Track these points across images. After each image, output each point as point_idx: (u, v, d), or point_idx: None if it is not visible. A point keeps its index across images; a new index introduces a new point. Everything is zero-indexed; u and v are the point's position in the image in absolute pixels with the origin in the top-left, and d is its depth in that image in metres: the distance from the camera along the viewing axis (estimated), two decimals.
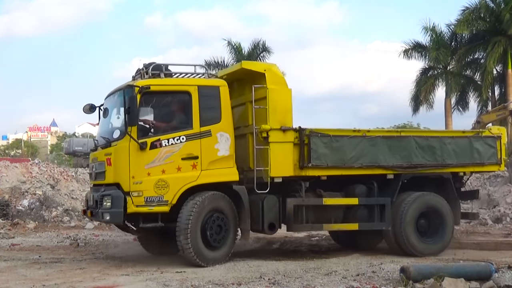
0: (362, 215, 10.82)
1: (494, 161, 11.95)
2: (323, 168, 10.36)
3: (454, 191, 11.76)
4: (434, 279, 7.60)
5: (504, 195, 20.44)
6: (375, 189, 10.88)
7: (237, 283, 8.13)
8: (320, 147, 10.28)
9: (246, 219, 9.99)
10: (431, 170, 11.35)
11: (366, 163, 10.66)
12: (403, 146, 10.99)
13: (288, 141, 10.17)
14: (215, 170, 9.84)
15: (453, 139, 11.52)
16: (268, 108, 10.09)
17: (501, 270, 8.56)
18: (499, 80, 36.52)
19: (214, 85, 10.17)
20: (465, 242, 13.46)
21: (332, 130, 10.59)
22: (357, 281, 8.11)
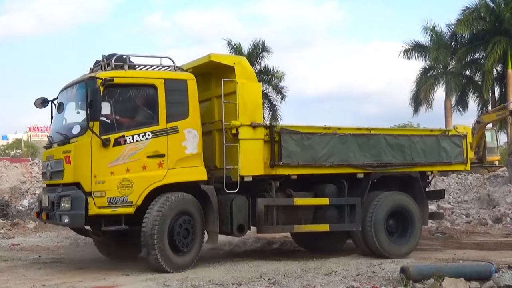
0: (332, 215, 10.51)
1: (460, 160, 11.85)
2: (294, 166, 9.99)
3: (422, 191, 11.63)
4: (434, 279, 7.61)
5: (504, 195, 20.44)
6: (345, 188, 10.58)
7: (237, 283, 8.13)
8: (291, 145, 9.92)
9: (214, 221, 9.46)
10: (400, 169, 11.16)
11: (337, 161, 10.36)
12: (373, 144, 10.73)
13: (258, 138, 9.77)
14: (182, 169, 9.30)
15: (421, 138, 11.33)
16: (238, 103, 9.63)
17: (501, 270, 8.57)
18: (499, 80, 36.53)
19: (182, 79, 9.60)
20: (465, 242, 13.48)
21: (303, 127, 10.31)
22: (357, 281, 8.11)
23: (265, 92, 41.30)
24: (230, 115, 9.63)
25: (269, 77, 40.84)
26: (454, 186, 24.54)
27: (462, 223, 17.89)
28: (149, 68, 9.91)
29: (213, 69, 10.23)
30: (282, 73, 40.79)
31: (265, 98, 41.10)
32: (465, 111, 38.72)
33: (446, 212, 19.42)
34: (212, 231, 9.59)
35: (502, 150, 37.90)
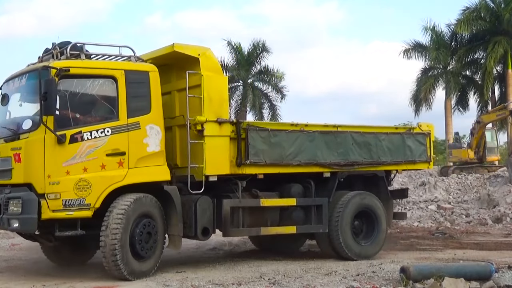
0: (298, 217, 10.08)
1: (424, 159, 11.54)
2: (261, 165, 9.49)
3: (387, 190, 11.34)
4: (434, 279, 7.61)
5: (504, 195, 20.43)
6: (312, 188, 10.20)
7: (237, 283, 8.13)
8: (258, 142, 9.40)
9: (178, 224, 8.80)
10: (367, 168, 10.84)
11: (304, 160, 9.93)
12: (340, 142, 10.35)
13: (224, 135, 9.20)
14: (144, 168, 8.62)
15: (387, 136, 10.97)
16: (203, 98, 9.01)
17: (501, 270, 8.56)
18: (499, 80, 36.56)
19: (144, 70, 8.89)
20: (465, 242, 13.47)
21: (270, 123, 9.94)
22: (357, 281, 8.10)
23: (265, 92, 41.41)
24: (194, 110, 9.02)
25: (269, 77, 40.88)
26: (454, 186, 24.55)
27: (462, 223, 17.88)
28: (107, 58, 9.09)
29: (175, 61, 9.60)
30: (282, 73, 40.88)
31: (265, 98, 41.18)
32: (465, 111, 38.83)
33: (446, 212, 19.45)
34: (175, 234, 8.90)
35: (502, 150, 37.91)
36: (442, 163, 40.70)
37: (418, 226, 17.49)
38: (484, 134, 28.34)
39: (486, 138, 28.70)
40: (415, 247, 12.58)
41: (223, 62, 40.47)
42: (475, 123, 28.71)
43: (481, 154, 28.50)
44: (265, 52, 40.24)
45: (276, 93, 40.76)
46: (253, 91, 40.23)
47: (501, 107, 28.03)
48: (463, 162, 28.73)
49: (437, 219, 18.57)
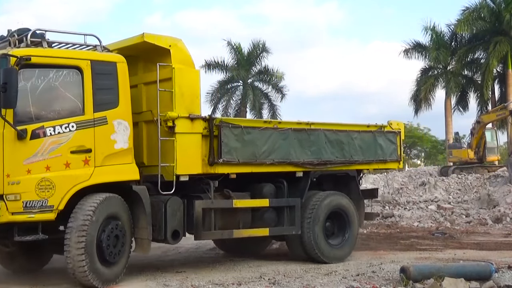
0: (271, 218, 9.67)
1: (395, 158, 11.25)
2: (234, 164, 9.05)
3: (359, 190, 11.08)
4: (434, 279, 7.60)
5: (504, 195, 20.44)
6: (284, 188, 9.79)
7: (237, 283, 8.13)
8: (231, 140, 8.95)
9: (147, 226, 8.21)
10: (339, 167, 10.48)
11: (278, 159, 9.51)
12: (314, 140, 9.97)
13: (196, 132, 8.69)
14: (111, 167, 8.03)
15: (359, 134, 10.64)
16: (174, 92, 8.49)
17: (501, 270, 8.57)
18: (499, 80, 36.60)
19: (111, 61, 8.26)
20: (465, 242, 13.47)
21: (243, 120, 9.60)
22: (357, 281, 8.10)
23: (265, 92, 41.43)
24: (163, 105, 8.48)
25: (269, 77, 40.92)
26: (454, 186, 24.57)
27: (462, 223, 17.88)
28: (70, 47, 8.45)
29: (143, 52, 9.05)
30: (281, 73, 40.91)
31: (265, 98, 41.21)
32: (465, 111, 38.86)
33: (446, 212, 19.45)
34: (143, 238, 8.31)
35: (502, 150, 37.93)
36: (442, 163, 40.76)
37: (418, 226, 17.48)
38: (484, 134, 28.36)
39: (486, 138, 28.73)
40: (415, 247, 12.58)
41: (223, 62, 40.53)
42: (475, 123, 28.74)
43: (481, 154, 28.52)
44: (265, 52, 40.33)
45: (276, 93, 40.82)
46: (253, 91, 40.26)
47: (501, 107, 28.06)
48: (463, 162, 28.75)
49: (437, 219, 18.57)
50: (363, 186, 28.27)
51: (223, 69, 40.64)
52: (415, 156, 63.92)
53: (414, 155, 63.21)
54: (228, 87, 41.64)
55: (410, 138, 55.51)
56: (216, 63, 40.26)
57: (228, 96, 41.27)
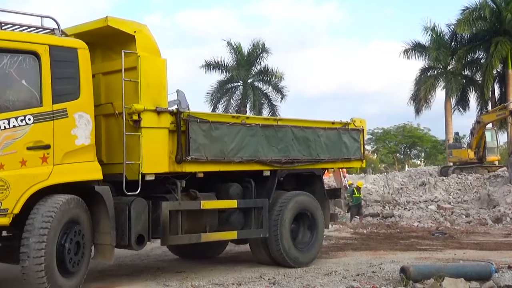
0: (237, 220, 9.09)
1: (358, 156, 10.76)
2: (202, 162, 8.39)
3: (324, 190, 10.61)
4: (434, 279, 7.60)
5: (504, 195, 20.47)
6: (252, 188, 9.24)
7: (237, 283, 8.13)
8: (200, 136, 8.31)
9: (110, 231, 7.39)
10: (305, 166, 9.98)
11: (246, 157, 8.93)
12: (281, 137, 9.45)
13: (163, 127, 8.02)
14: (72, 165, 7.17)
15: (325, 131, 10.13)
16: (140, 83, 7.77)
17: (501, 270, 8.57)
18: (499, 80, 36.61)
19: (72, 47, 7.36)
20: (465, 242, 13.48)
21: (211, 114, 8.90)
22: (357, 281, 8.11)
23: (265, 92, 41.42)
24: (127, 97, 7.76)
25: (269, 77, 40.93)
26: (454, 186, 24.59)
27: (462, 223, 17.90)
28: (26, 29, 7.65)
29: (102, 38, 8.25)
30: (281, 73, 40.90)
31: (265, 98, 41.22)
32: (465, 111, 38.86)
33: (446, 212, 19.48)
34: (106, 244, 7.49)
35: (502, 150, 37.94)
36: (442, 163, 40.77)
37: (418, 226, 17.51)
38: (484, 134, 28.37)
39: (486, 138, 28.74)
40: (415, 247, 12.59)
41: (224, 62, 40.52)
42: (475, 123, 28.75)
43: (481, 154, 28.54)
44: (265, 52, 40.32)
45: (276, 93, 40.82)
46: (253, 91, 40.26)
47: (501, 107, 28.07)
48: (463, 162, 28.77)
49: (437, 219, 18.61)
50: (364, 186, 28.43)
51: (223, 69, 40.67)
52: (415, 156, 63.96)
53: (414, 155, 63.24)
54: (228, 87, 41.66)
55: (410, 138, 55.55)
56: (216, 63, 40.28)
57: (228, 96, 41.28)
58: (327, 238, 14.38)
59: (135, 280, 8.51)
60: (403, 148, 59.20)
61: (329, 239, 14.25)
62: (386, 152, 60.85)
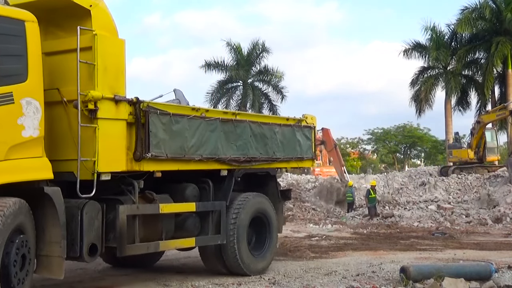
0: (194, 226, 8.19)
1: (310, 155, 10.13)
2: (162, 160, 7.46)
3: (279, 192, 9.89)
4: (434, 279, 7.61)
5: (504, 195, 20.45)
6: (210, 189, 8.41)
7: (237, 283, 8.12)
8: (160, 130, 7.38)
9: (61, 240, 6.21)
10: (262, 165, 9.26)
11: (206, 154, 8.09)
12: (239, 134, 8.69)
13: (121, 119, 6.99)
14: (18, 162, 5.97)
15: (280, 128, 9.46)
16: (97, 66, 6.65)
17: (501, 270, 8.57)
18: (499, 80, 36.59)
19: (18, 19, 6.16)
20: (465, 242, 13.48)
21: (171, 106, 7.94)
22: (357, 281, 8.10)
23: (264, 92, 41.42)
24: (80, 82, 6.59)
25: (269, 77, 40.92)
26: (454, 186, 24.57)
27: (462, 223, 17.89)
28: None
29: (50, 12, 7.08)
30: (281, 73, 40.87)
31: (265, 98, 41.21)
32: (465, 111, 38.84)
33: (446, 212, 19.46)
34: (53, 256, 6.31)
35: (502, 150, 37.92)
36: (442, 163, 40.75)
37: (418, 226, 17.50)
38: (484, 134, 28.35)
39: (486, 138, 28.72)
40: (415, 247, 12.59)
41: (223, 63, 40.51)
42: (475, 123, 28.73)
43: (481, 154, 28.51)
44: (264, 52, 40.30)
45: (276, 93, 40.81)
46: (253, 91, 40.25)
47: (501, 107, 28.05)
48: (463, 162, 28.75)
49: (437, 219, 18.59)
50: (364, 186, 28.39)
51: (222, 69, 40.67)
52: (415, 156, 63.96)
53: (414, 155, 63.24)
54: (228, 87, 41.65)
55: (410, 138, 55.54)
56: (216, 63, 40.28)
57: (228, 96, 41.28)
58: (327, 238, 14.38)
59: (134, 280, 8.51)
60: (403, 148, 59.21)
61: (329, 239, 14.25)
62: (386, 152, 60.88)
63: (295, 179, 28.39)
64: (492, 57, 33.06)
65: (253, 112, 8.29)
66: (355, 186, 25.90)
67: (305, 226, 18.47)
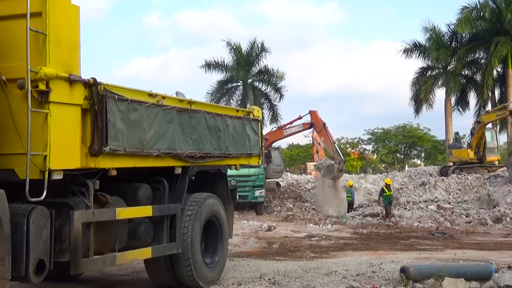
0: (148, 233, 7.07)
1: (257, 151, 9.28)
2: (120, 155, 6.23)
3: (229, 192, 9.03)
4: (434, 279, 7.61)
5: (504, 195, 20.45)
6: (165, 190, 7.35)
7: (237, 283, 8.12)
8: (118, 119, 6.16)
9: (3, 257, 4.99)
10: (215, 162, 8.25)
11: (164, 149, 6.98)
12: (195, 125, 7.64)
13: (75, 104, 5.74)
14: None
15: (232, 120, 8.54)
16: (49, 36, 5.43)
17: (501, 270, 8.57)
18: (499, 80, 36.60)
19: None
20: (465, 242, 13.48)
21: (129, 90, 6.53)
22: (357, 281, 8.10)
23: (265, 92, 41.39)
24: (21, 57, 5.35)
25: (269, 77, 40.93)
26: (454, 186, 24.58)
27: (462, 223, 17.89)
28: None
29: None
30: (282, 73, 40.85)
31: (265, 98, 41.19)
32: (465, 111, 38.86)
33: (446, 212, 19.45)
34: None
35: (502, 150, 37.92)
36: (442, 163, 40.74)
37: (418, 226, 17.50)
38: (484, 134, 28.36)
39: (486, 138, 28.72)
40: (415, 247, 12.59)
41: (223, 63, 40.51)
42: (475, 123, 28.72)
43: (481, 154, 28.51)
44: (264, 52, 40.28)
45: (276, 93, 40.80)
46: (253, 91, 40.24)
47: (501, 107, 28.04)
48: (463, 162, 28.76)
49: (437, 219, 18.59)
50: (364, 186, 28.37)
51: (222, 69, 40.67)
52: (415, 156, 63.93)
53: (414, 155, 63.21)
54: (228, 87, 41.65)
55: (410, 138, 55.52)
56: (216, 63, 40.28)
57: (228, 96, 41.27)
58: (327, 238, 14.38)
59: (135, 280, 8.51)
60: (403, 148, 59.19)
61: (329, 239, 14.25)
62: (386, 152, 60.85)
63: (295, 179, 28.41)
64: (492, 57, 33.06)
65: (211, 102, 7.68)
66: (355, 186, 25.92)
67: (305, 226, 18.49)
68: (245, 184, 21.45)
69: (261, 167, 21.59)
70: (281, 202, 24.08)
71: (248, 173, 21.41)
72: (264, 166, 21.96)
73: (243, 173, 21.40)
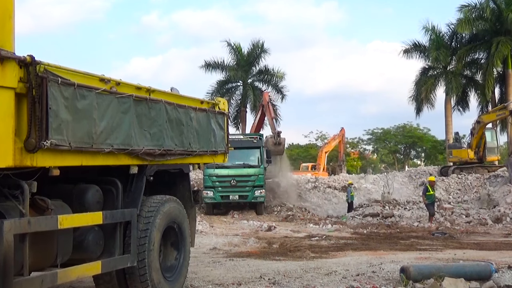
0: (97, 243, 6.07)
1: (223, 148, 8.43)
2: (64, 151, 5.22)
3: (191, 194, 8.19)
4: (434, 279, 7.61)
5: (504, 195, 20.45)
6: (119, 193, 6.37)
7: (237, 283, 8.12)
8: (62, 107, 5.13)
9: None
10: (176, 160, 7.35)
11: (117, 144, 5.98)
12: (154, 118, 6.67)
13: (7, 87, 4.65)
14: None
15: (196, 113, 7.61)
16: None
17: (501, 270, 8.57)
18: (500, 80, 36.61)
19: None
20: (465, 242, 13.48)
21: (75, 72, 5.50)
22: (357, 281, 8.10)
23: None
24: None
25: (269, 77, 40.93)
26: (454, 186, 24.59)
27: (462, 223, 17.89)
28: None
29: None
30: (282, 73, 40.88)
31: None
32: (465, 111, 38.88)
33: (446, 212, 19.44)
34: None
35: (502, 150, 37.93)
36: (442, 163, 40.75)
37: (418, 226, 17.50)
38: (484, 134, 28.37)
39: (486, 138, 28.74)
40: (415, 247, 12.59)
41: (223, 62, 40.52)
42: (475, 123, 28.74)
43: (481, 154, 28.53)
44: (264, 52, 40.30)
45: (276, 93, 40.81)
46: (253, 91, 40.24)
47: (501, 107, 28.06)
48: (463, 162, 28.78)
49: (437, 219, 18.59)
50: (364, 186, 28.43)
51: (222, 69, 40.69)
52: (415, 156, 63.96)
53: (414, 155, 63.24)
54: (228, 87, 41.67)
55: (410, 138, 55.55)
56: (216, 63, 40.31)
57: (228, 96, 41.28)
58: (327, 238, 14.38)
59: None
60: (403, 148, 59.23)
61: (329, 239, 14.25)
62: (386, 152, 60.90)
63: (295, 179, 28.40)
64: (492, 57, 33.08)
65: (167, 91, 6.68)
66: (355, 186, 25.91)
67: (305, 226, 18.49)
68: (245, 184, 21.46)
69: (261, 167, 21.61)
70: (281, 202, 24.09)
71: (248, 173, 21.43)
72: (265, 166, 21.98)
73: (243, 173, 21.50)
